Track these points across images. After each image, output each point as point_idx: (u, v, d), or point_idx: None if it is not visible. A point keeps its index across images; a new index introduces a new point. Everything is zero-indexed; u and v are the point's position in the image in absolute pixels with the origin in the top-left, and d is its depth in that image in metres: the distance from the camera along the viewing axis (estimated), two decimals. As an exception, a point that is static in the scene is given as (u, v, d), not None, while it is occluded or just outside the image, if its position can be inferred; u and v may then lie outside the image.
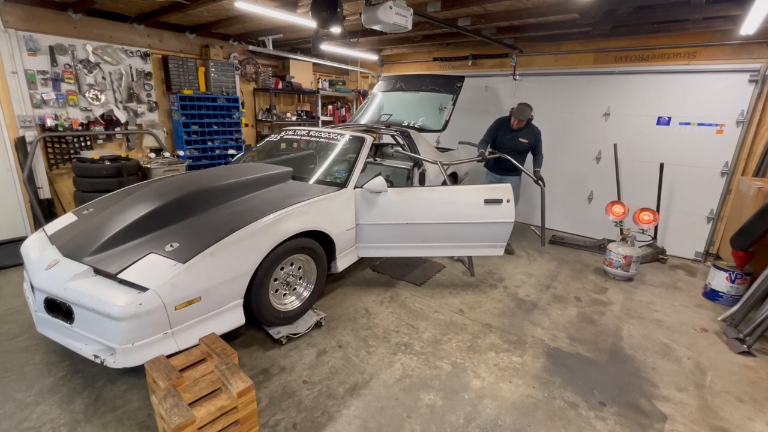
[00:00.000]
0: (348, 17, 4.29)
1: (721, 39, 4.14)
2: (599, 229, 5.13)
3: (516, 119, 4.15)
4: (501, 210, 3.28)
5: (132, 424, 2.01)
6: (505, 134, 4.32)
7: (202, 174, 3.18)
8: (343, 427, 2.04)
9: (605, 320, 3.22)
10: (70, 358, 2.45)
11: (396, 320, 3.05)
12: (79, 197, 4.11)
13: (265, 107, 6.69)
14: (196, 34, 5.39)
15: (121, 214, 2.53)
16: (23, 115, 4.02)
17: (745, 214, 3.52)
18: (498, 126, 4.37)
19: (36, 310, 2.23)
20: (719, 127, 4.30)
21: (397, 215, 3.25)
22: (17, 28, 3.90)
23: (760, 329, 2.84)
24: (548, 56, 5.35)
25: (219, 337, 2.04)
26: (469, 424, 2.08)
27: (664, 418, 2.20)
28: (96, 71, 4.48)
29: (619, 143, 4.79)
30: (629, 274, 3.93)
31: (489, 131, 4.40)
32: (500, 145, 4.34)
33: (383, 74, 7.15)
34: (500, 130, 4.34)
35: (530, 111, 4.15)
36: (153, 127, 5.11)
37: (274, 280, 2.71)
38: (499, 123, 4.38)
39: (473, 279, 3.84)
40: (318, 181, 3.34)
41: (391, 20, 2.93)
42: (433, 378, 2.43)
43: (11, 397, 2.15)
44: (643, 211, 4.20)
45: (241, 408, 1.72)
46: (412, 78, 5.48)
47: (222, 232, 2.40)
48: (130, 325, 1.96)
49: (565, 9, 3.79)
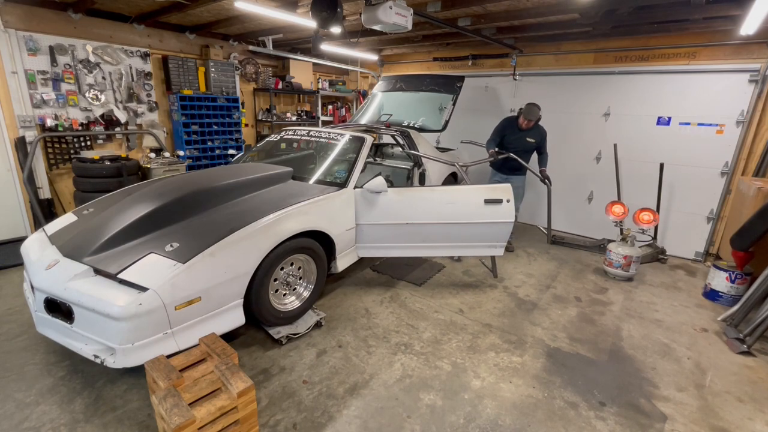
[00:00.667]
0: (348, 17, 4.29)
1: (721, 39, 4.14)
2: (599, 229, 5.13)
3: (525, 119, 4.16)
4: (501, 210, 3.28)
5: (132, 424, 2.01)
6: (512, 134, 4.32)
7: (202, 174, 3.18)
8: (343, 427, 2.04)
9: (605, 320, 3.22)
10: (70, 358, 2.45)
11: (396, 320, 3.05)
12: (79, 197, 4.11)
13: (265, 107, 6.68)
14: (196, 34, 5.39)
15: (121, 214, 2.53)
16: (23, 115, 4.02)
17: (745, 214, 3.52)
18: (505, 126, 4.36)
19: (36, 310, 2.23)
20: (719, 127, 4.30)
21: (397, 215, 3.25)
22: (17, 28, 3.90)
23: (760, 329, 2.84)
24: (548, 56, 5.35)
25: (219, 337, 2.04)
26: (469, 424, 2.08)
27: (664, 418, 2.20)
28: (96, 71, 4.48)
29: (619, 143, 4.79)
30: (629, 274, 3.93)
31: (497, 131, 4.38)
32: (508, 144, 4.33)
33: (383, 74, 7.15)
34: (508, 129, 4.34)
35: (539, 111, 4.16)
36: (153, 127, 5.11)
37: (274, 280, 2.71)
38: (507, 123, 4.37)
39: (473, 279, 3.84)
40: (318, 181, 3.34)
41: (391, 20, 2.93)
42: (433, 378, 2.43)
43: (11, 397, 2.14)
44: (643, 211, 4.20)
45: (241, 408, 1.72)
46: (412, 78, 5.48)
47: (222, 232, 2.40)
48: (130, 325, 1.96)
49: (565, 9, 3.79)
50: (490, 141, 4.35)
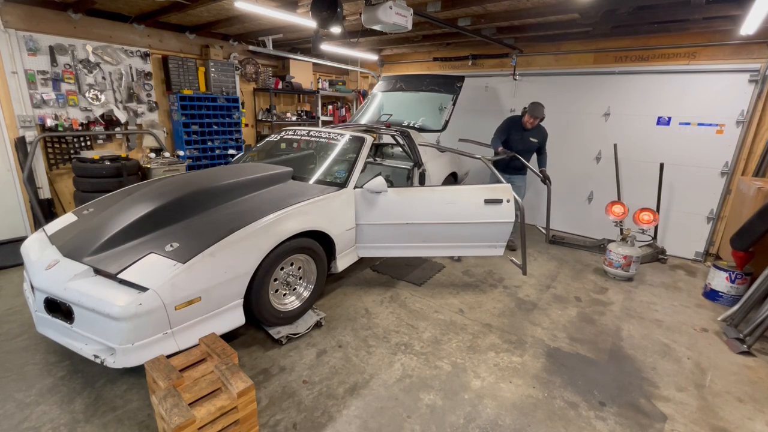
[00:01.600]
0: (348, 17, 4.29)
1: (721, 39, 4.14)
2: (599, 229, 5.13)
3: (531, 117, 4.16)
4: (501, 210, 3.28)
5: (132, 424, 2.01)
6: (516, 134, 4.32)
7: (202, 174, 3.18)
8: (343, 427, 2.04)
9: (605, 320, 3.22)
10: (70, 358, 2.45)
11: (396, 320, 3.05)
12: (79, 197, 4.11)
13: (265, 107, 6.68)
14: (196, 34, 5.39)
15: (121, 214, 2.53)
16: (23, 115, 4.02)
17: (745, 214, 3.52)
18: (509, 125, 4.36)
19: (36, 310, 2.23)
20: (719, 127, 4.30)
21: (397, 215, 3.25)
22: (17, 28, 3.90)
23: (760, 329, 2.84)
24: (548, 56, 5.35)
25: (219, 337, 2.04)
26: (469, 424, 2.08)
27: (664, 418, 2.20)
28: (96, 71, 4.48)
29: (619, 143, 4.79)
30: (629, 274, 3.93)
31: (501, 131, 4.37)
32: (512, 144, 4.32)
33: (383, 74, 7.15)
34: (512, 129, 4.33)
35: (543, 109, 4.17)
36: (153, 127, 5.11)
37: (274, 280, 2.71)
38: (511, 122, 4.36)
39: (473, 279, 3.84)
40: (318, 181, 3.34)
41: (391, 20, 2.93)
42: (433, 378, 2.43)
43: (11, 397, 2.15)
44: (643, 211, 4.20)
45: (241, 408, 1.72)
46: (412, 78, 5.48)
47: (222, 232, 2.40)
48: (130, 325, 1.96)
49: (565, 9, 3.79)
50: (495, 140, 4.33)
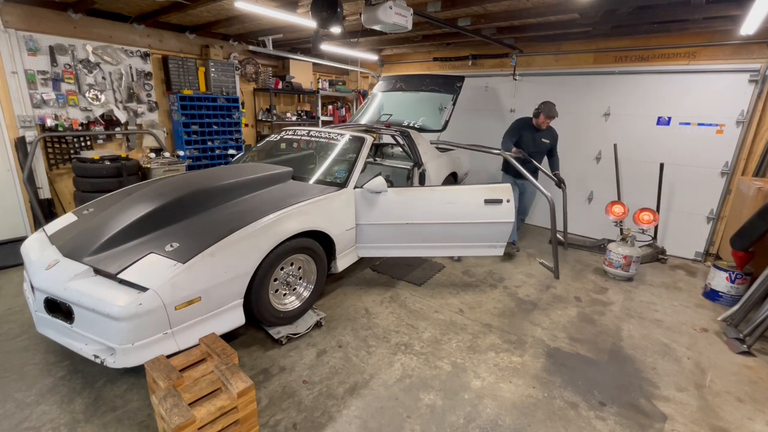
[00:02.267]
0: (348, 17, 4.29)
1: (721, 39, 4.14)
2: (599, 229, 5.13)
3: (545, 116, 4.07)
4: (501, 210, 3.28)
5: (132, 424, 2.01)
6: (528, 135, 4.22)
7: (202, 174, 3.18)
8: (343, 427, 2.04)
9: (605, 320, 3.21)
10: (70, 358, 2.45)
11: (396, 320, 3.05)
12: (79, 197, 4.11)
13: (265, 107, 6.68)
14: (196, 34, 5.39)
15: (121, 214, 2.53)
16: (23, 115, 4.02)
17: (745, 214, 3.52)
18: (521, 126, 4.25)
19: (36, 310, 2.23)
20: (719, 127, 4.30)
21: (397, 215, 3.25)
22: (17, 28, 3.90)
23: (760, 329, 2.84)
24: (548, 56, 5.35)
25: (219, 337, 2.04)
26: (469, 424, 2.08)
27: (664, 418, 2.20)
28: (96, 71, 4.48)
29: (619, 143, 4.79)
30: (629, 274, 3.93)
31: (512, 132, 4.24)
32: (523, 146, 4.21)
33: (383, 74, 7.15)
34: (524, 129, 4.23)
35: (556, 108, 4.10)
36: (153, 127, 5.11)
37: (274, 280, 2.71)
38: (522, 123, 4.27)
39: (473, 279, 3.84)
40: (318, 181, 3.34)
41: (391, 20, 2.93)
42: (433, 378, 2.43)
43: (11, 397, 2.15)
44: (643, 211, 4.19)
45: (241, 408, 1.72)
46: (412, 78, 5.48)
47: (222, 232, 2.40)
48: (130, 325, 1.96)
49: (565, 9, 3.79)
50: (506, 142, 4.14)
